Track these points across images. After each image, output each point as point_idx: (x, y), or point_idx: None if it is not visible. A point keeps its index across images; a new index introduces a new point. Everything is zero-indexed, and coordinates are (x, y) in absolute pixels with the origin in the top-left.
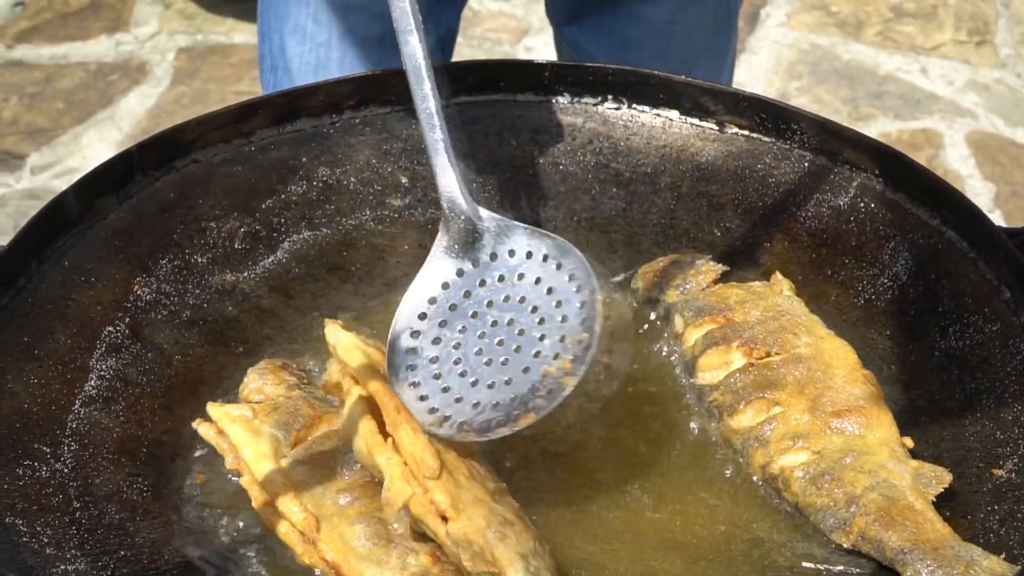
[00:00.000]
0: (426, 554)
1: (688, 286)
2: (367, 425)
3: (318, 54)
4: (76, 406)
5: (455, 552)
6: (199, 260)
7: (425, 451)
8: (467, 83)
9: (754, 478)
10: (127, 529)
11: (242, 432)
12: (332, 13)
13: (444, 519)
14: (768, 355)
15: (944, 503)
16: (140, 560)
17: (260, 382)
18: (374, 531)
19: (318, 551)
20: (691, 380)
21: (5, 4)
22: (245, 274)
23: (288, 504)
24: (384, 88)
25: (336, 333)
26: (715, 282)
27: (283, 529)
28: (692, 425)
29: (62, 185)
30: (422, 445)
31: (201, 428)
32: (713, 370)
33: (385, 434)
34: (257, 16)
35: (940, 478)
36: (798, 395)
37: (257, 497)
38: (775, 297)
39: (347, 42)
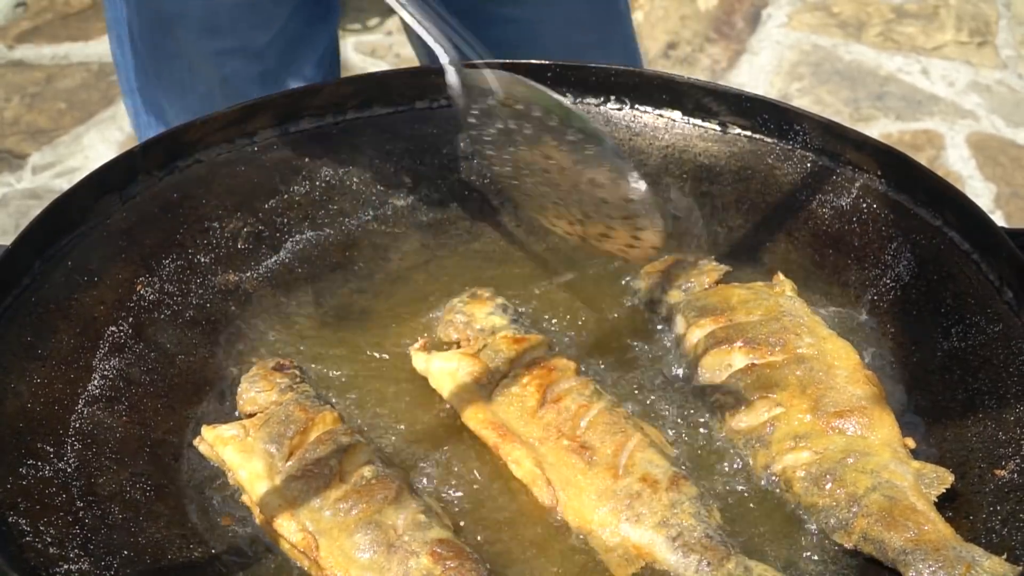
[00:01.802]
0: (427, 555)
1: (690, 286)
2: None
3: (202, 105)
4: (79, 406)
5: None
6: (202, 260)
7: (534, 485)
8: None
9: (757, 478)
10: (130, 529)
11: (235, 453)
12: (207, 61)
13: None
14: (770, 355)
15: (946, 504)
16: (143, 560)
17: (252, 391)
18: (373, 538)
19: (320, 569)
20: (693, 380)
21: (7, 4)
22: (248, 274)
23: (285, 525)
24: (387, 89)
25: (425, 361)
26: (717, 282)
27: (286, 546)
28: (693, 424)
29: (63, 185)
30: (531, 477)
31: (202, 447)
32: (715, 370)
33: None
34: (116, 71)
35: (942, 479)
36: (800, 395)
37: (258, 516)
38: (777, 298)
39: (228, 88)
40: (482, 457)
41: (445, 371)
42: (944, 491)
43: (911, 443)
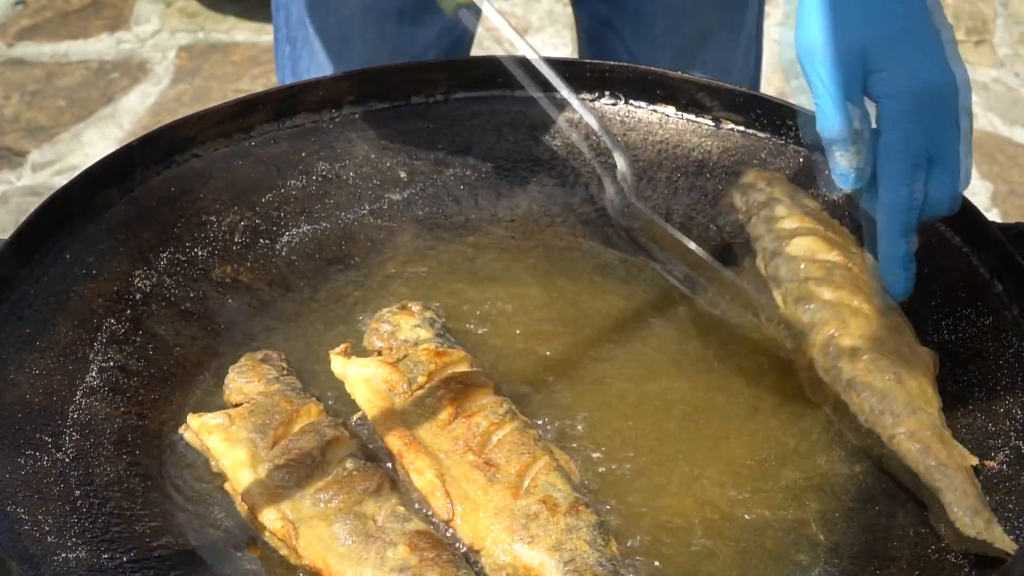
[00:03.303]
0: (404, 545)
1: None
2: None
3: (342, 27)
4: (77, 397)
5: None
6: (199, 253)
7: (432, 495)
8: (466, 79)
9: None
10: (127, 518)
11: (220, 442)
12: None
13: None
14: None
15: None
16: (140, 548)
17: (240, 381)
18: (352, 528)
19: (299, 557)
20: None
21: (6, 2)
22: (245, 267)
23: (266, 513)
24: (383, 84)
25: (343, 365)
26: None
27: (267, 535)
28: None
29: (63, 182)
30: (430, 488)
31: (187, 435)
32: (806, 250)
33: None
34: None
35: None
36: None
37: (240, 505)
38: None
39: (370, 16)
40: None
41: (361, 377)
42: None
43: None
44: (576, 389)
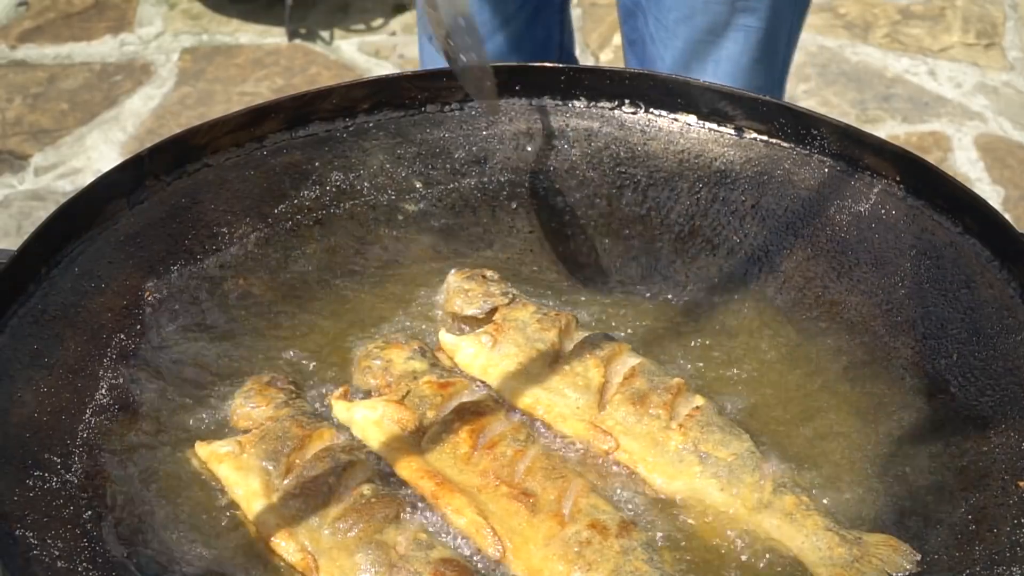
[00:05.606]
0: (430, 575)
1: None
2: None
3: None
4: (86, 415)
5: None
6: (210, 266)
7: (478, 535)
8: None
9: None
10: (139, 541)
11: (231, 471)
12: None
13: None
14: None
15: (969, 516)
16: (152, 572)
17: (247, 407)
18: (374, 558)
19: None
20: None
21: (8, 4)
22: (257, 279)
23: (284, 544)
24: (397, 92)
25: (346, 410)
26: None
27: (283, 565)
28: None
29: (66, 186)
30: (474, 528)
31: (195, 462)
32: None
33: None
34: None
35: None
36: None
37: (255, 534)
38: None
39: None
40: None
41: (370, 420)
42: (969, 503)
43: None
44: None
